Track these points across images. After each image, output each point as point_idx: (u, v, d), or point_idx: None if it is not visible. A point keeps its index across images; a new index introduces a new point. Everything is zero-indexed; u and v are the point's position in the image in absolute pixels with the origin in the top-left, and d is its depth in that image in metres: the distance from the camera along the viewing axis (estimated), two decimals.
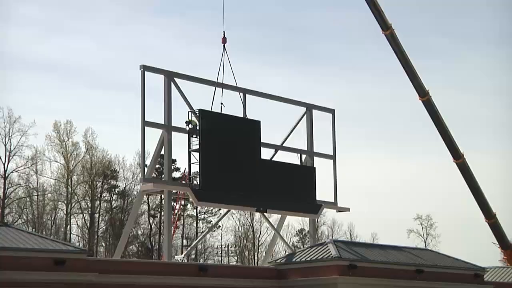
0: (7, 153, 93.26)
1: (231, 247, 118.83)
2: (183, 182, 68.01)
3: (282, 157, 67.61)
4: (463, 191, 79.72)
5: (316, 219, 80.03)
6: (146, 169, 61.44)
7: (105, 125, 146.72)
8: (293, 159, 68.42)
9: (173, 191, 67.31)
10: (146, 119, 58.19)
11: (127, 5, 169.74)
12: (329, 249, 57.08)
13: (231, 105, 65.17)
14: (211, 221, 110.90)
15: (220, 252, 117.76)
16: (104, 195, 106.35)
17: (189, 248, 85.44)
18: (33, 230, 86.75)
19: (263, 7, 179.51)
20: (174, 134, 60.36)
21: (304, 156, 68.90)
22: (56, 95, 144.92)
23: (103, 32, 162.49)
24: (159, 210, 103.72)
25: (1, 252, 42.41)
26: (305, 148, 68.96)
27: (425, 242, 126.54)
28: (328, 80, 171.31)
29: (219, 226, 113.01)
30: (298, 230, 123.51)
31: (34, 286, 42.95)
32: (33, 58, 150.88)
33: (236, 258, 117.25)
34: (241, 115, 64.60)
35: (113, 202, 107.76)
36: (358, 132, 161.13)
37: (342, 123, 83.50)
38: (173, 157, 69.54)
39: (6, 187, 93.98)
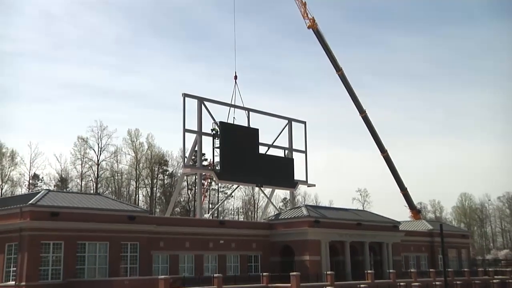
0: (99, 149, 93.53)
1: (240, 209, 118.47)
2: (209, 168, 67.84)
3: (273, 152, 67.93)
4: (387, 174, 79.84)
5: (294, 191, 79.94)
6: (186, 159, 61.41)
7: (160, 131, 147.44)
8: (279, 153, 68.67)
9: (203, 173, 67.50)
10: (186, 128, 58.48)
11: (171, 55, 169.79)
12: (302, 210, 57.29)
13: (240, 118, 65.53)
14: (227, 192, 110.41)
15: (233, 212, 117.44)
16: (159, 176, 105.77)
17: (213, 210, 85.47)
18: (115, 197, 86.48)
19: (260, 56, 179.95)
20: (203, 137, 60.55)
21: (286, 151, 69.01)
22: (128, 112, 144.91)
23: (155, 72, 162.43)
24: (194, 185, 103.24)
25: (95, 211, 42.91)
26: (287, 146, 69.05)
27: (363, 206, 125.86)
28: (302, 102, 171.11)
29: (232, 196, 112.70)
30: (283, 198, 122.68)
31: (115, 233, 43.29)
32: (113, 88, 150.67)
33: (243, 216, 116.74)
34: (246, 125, 64.72)
35: (165, 180, 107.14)
36: (320, 136, 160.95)
37: (311, 130, 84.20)
38: (203, 152, 69.57)
39: (99, 171, 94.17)
